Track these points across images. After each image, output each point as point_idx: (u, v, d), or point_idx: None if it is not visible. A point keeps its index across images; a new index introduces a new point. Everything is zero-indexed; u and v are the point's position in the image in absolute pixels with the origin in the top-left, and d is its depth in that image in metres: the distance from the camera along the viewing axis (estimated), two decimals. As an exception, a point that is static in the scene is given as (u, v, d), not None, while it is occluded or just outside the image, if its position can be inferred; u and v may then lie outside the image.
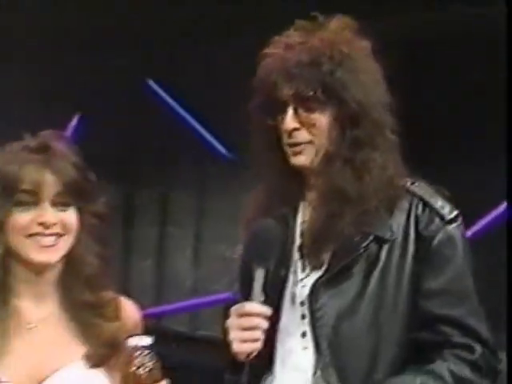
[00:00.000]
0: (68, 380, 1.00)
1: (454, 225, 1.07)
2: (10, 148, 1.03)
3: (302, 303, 1.08)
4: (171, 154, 4.15)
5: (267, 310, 1.01)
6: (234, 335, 1.02)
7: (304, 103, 1.06)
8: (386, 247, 1.06)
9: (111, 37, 3.69)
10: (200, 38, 3.72)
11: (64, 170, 1.00)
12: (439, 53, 2.98)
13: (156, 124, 4.00)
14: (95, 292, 1.05)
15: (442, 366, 1.02)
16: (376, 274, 1.05)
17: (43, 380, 0.99)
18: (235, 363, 1.04)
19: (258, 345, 1.00)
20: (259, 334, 1.00)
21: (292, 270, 1.11)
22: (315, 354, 1.05)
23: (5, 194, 0.98)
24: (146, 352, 0.91)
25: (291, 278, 1.11)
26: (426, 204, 1.08)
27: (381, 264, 1.05)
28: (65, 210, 1.01)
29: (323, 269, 1.07)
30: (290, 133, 1.07)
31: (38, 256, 0.99)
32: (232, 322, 1.03)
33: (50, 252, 1.00)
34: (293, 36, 1.09)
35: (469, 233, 1.35)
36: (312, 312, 1.06)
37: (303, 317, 1.08)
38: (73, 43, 3.59)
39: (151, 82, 4.05)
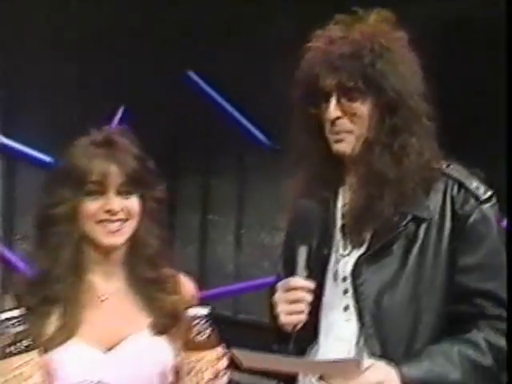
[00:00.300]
0: (136, 345, 1.13)
1: (488, 204, 1.13)
2: (79, 143, 1.14)
3: (345, 279, 1.16)
4: (212, 144, 4.22)
5: (310, 284, 1.10)
6: (280, 308, 1.10)
7: (346, 93, 1.12)
8: (423, 226, 1.12)
9: (151, 29, 3.80)
10: (238, 27, 3.78)
11: (126, 162, 1.13)
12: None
13: (197, 114, 4.07)
14: (156, 269, 1.18)
15: (478, 336, 1.07)
16: (415, 251, 1.11)
17: (114, 346, 1.11)
18: (282, 335, 1.12)
19: (303, 316, 1.09)
20: (304, 307, 1.09)
21: (334, 248, 1.19)
22: (358, 326, 1.12)
23: (76, 186, 1.11)
24: (204, 321, 1.02)
25: (333, 256, 1.19)
26: (461, 185, 1.13)
27: (419, 242, 1.12)
28: (128, 198, 1.13)
29: (364, 247, 1.15)
30: (333, 121, 1.14)
31: (106, 240, 1.12)
32: (279, 296, 1.12)
33: (116, 236, 1.12)
34: (334, 30, 1.16)
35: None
36: (355, 287, 1.13)
37: (345, 291, 1.16)
38: (114, 36, 3.70)
39: (191, 73, 4.10)
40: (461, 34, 3.16)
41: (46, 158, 3.35)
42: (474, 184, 1.14)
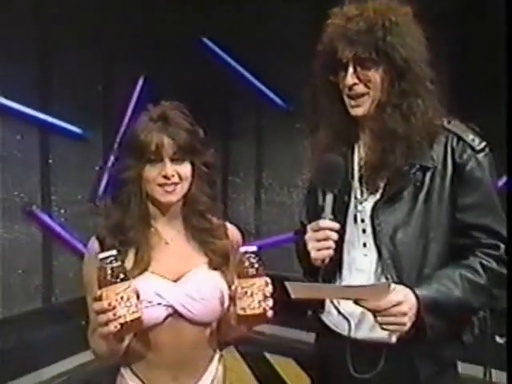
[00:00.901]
0: (197, 277, 1.36)
1: (482, 154, 1.31)
2: (140, 119, 1.34)
3: (363, 220, 1.36)
4: (230, 108, 4.37)
5: (336, 225, 1.29)
6: (311, 246, 1.30)
7: (361, 63, 1.29)
8: (428, 174, 1.31)
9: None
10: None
11: (178, 134, 1.31)
12: None
13: (214, 80, 4.18)
14: (207, 220, 1.39)
15: (474, 261, 1.28)
16: (422, 195, 1.31)
17: (180, 277, 1.35)
18: (313, 268, 1.33)
19: (331, 252, 1.28)
20: (331, 244, 1.28)
21: (353, 195, 1.38)
22: (376, 259, 1.33)
23: (139, 155, 1.31)
24: (254, 255, 1.23)
25: (352, 202, 1.38)
26: (459, 138, 1.31)
27: (425, 187, 1.31)
28: (180, 164, 1.32)
29: (379, 193, 1.33)
30: (351, 87, 1.31)
31: (163, 198, 1.33)
32: (309, 235, 1.31)
33: (171, 195, 1.33)
34: (350, 8, 1.31)
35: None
36: (373, 227, 1.33)
37: (364, 231, 1.36)
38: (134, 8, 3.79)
39: (206, 40, 4.22)
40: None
41: (77, 130, 3.54)
42: (471, 137, 1.31)
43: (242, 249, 1.24)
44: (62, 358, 3.33)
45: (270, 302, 1.23)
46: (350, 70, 1.30)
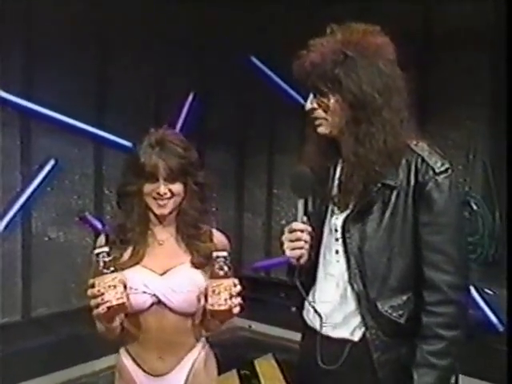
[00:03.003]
0: (181, 272, 1.60)
1: (442, 176, 1.39)
2: (142, 143, 1.59)
3: (337, 230, 1.49)
4: (276, 124, 4.52)
5: (307, 227, 1.44)
6: (285, 246, 1.45)
7: (318, 91, 1.43)
8: (395, 192, 1.41)
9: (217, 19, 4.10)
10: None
11: (171, 159, 1.56)
12: None
13: (261, 95, 4.37)
14: (196, 228, 1.64)
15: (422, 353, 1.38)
16: (388, 211, 1.41)
17: (166, 271, 1.60)
18: (290, 267, 1.49)
19: (303, 251, 1.43)
20: (302, 244, 1.43)
21: (330, 208, 1.52)
22: (346, 266, 1.46)
23: (139, 174, 1.56)
24: (224, 260, 1.44)
25: (329, 213, 1.52)
26: (423, 160, 1.41)
27: (391, 204, 1.41)
28: (173, 183, 1.57)
29: (351, 208, 1.45)
30: (311, 111, 1.45)
31: (157, 211, 1.60)
32: (284, 236, 1.46)
33: (163, 208, 1.59)
34: (315, 41, 1.44)
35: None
36: (344, 238, 1.46)
37: (336, 239, 1.49)
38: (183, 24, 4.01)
39: (254, 58, 4.39)
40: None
41: (128, 144, 3.82)
42: (433, 159, 1.40)
43: (215, 253, 1.45)
44: (108, 353, 3.42)
45: (236, 301, 1.44)
46: (311, 96, 1.45)
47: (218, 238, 1.69)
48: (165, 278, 1.57)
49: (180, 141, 1.60)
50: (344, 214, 1.47)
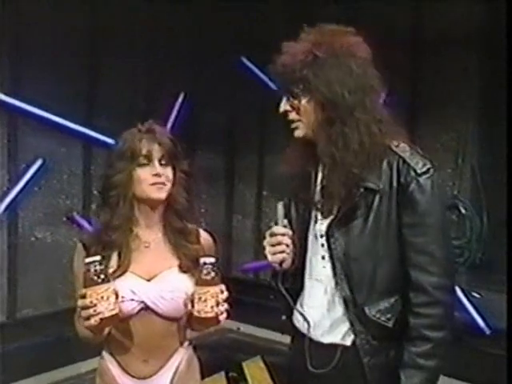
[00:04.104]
0: (168, 277, 1.56)
1: (424, 176, 1.37)
2: (130, 131, 1.57)
3: (322, 236, 1.47)
4: (266, 125, 4.46)
5: (288, 231, 1.44)
6: (267, 250, 1.45)
7: (290, 93, 1.42)
8: (378, 195, 1.39)
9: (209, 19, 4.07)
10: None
11: (164, 142, 1.54)
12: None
13: (251, 99, 4.33)
14: (183, 221, 1.60)
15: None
16: (372, 215, 1.40)
17: (154, 276, 1.55)
18: (273, 272, 1.48)
19: (284, 255, 1.43)
20: (283, 248, 1.43)
21: (314, 213, 1.50)
22: (332, 271, 1.44)
23: (131, 159, 1.52)
24: (211, 266, 1.40)
25: (313, 218, 1.50)
26: (404, 161, 1.39)
27: (375, 208, 1.40)
28: (165, 168, 1.55)
29: (334, 213, 1.43)
30: (285, 114, 1.45)
31: (156, 195, 1.54)
32: (265, 241, 1.46)
33: (162, 192, 1.54)
34: (287, 43, 1.43)
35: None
36: (329, 244, 1.44)
37: (322, 245, 1.47)
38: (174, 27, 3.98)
39: (244, 59, 4.35)
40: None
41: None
42: (415, 160, 1.38)
43: (202, 259, 1.41)
44: (96, 354, 3.53)
45: (223, 308, 1.41)
46: (284, 99, 1.44)
47: (205, 238, 1.66)
48: (153, 283, 1.53)
49: (166, 130, 1.62)
50: (328, 220, 1.45)
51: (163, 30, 3.97)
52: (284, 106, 1.44)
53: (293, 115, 1.43)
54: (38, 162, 3.46)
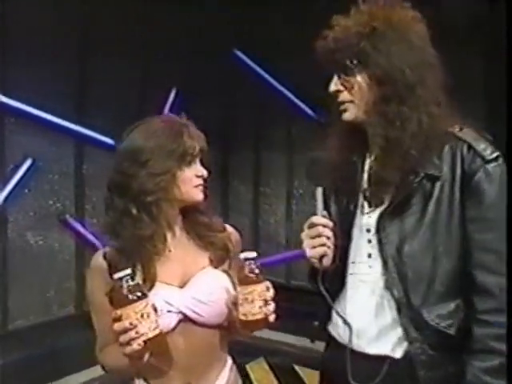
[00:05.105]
0: (203, 279, 1.38)
1: (492, 164, 1.24)
2: (169, 125, 1.37)
3: (368, 230, 1.33)
4: (261, 120, 4.38)
5: (328, 222, 1.28)
6: (305, 244, 1.30)
7: (343, 70, 1.29)
8: (438, 183, 1.25)
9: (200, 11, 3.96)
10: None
11: (201, 138, 1.38)
12: None
13: (246, 91, 4.23)
14: (207, 216, 1.43)
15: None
16: (431, 205, 1.25)
17: (185, 283, 1.37)
18: (312, 270, 1.33)
19: (325, 249, 1.27)
20: (324, 240, 1.27)
21: (359, 205, 1.35)
22: (381, 271, 1.29)
23: (180, 159, 1.34)
24: (253, 262, 1.25)
25: (359, 211, 1.36)
26: (470, 146, 1.25)
27: (434, 197, 1.25)
28: (202, 166, 1.39)
29: (386, 203, 1.29)
30: (336, 94, 1.31)
31: (199, 196, 1.38)
32: (304, 233, 1.30)
33: (202, 193, 1.38)
34: (336, 18, 1.31)
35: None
36: (379, 238, 1.29)
37: (369, 241, 1.32)
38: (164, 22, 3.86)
39: (238, 52, 4.27)
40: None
41: (110, 141, 3.63)
42: (482, 146, 1.24)
43: (242, 255, 1.25)
44: (93, 364, 3.34)
45: (271, 307, 1.25)
46: (335, 77, 1.31)
47: (230, 230, 1.49)
48: (187, 289, 1.34)
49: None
50: (377, 212, 1.30)
51: (154, 25, 3.86)
52: (335, 85, 1.31)
53: (344, 95, 1.30)
54: (28, 162, 3.32)
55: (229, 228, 1.48)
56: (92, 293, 1.36)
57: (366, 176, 1.36)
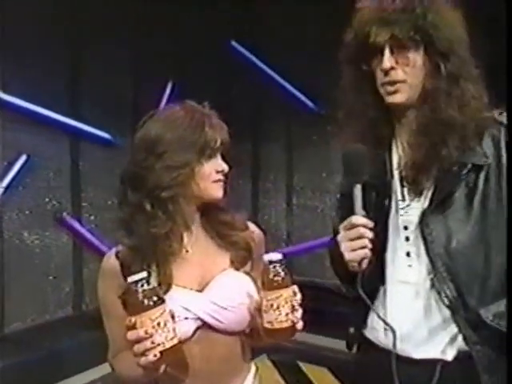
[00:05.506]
0: (223, 282, 1.27)
1: None
2: (188, 114, 1.26)
3: (406, 228, 1.23)
4: (259, 112, 4.31)
5: (369, 222, 1.17)
6: (344, 247, 1.18)
7: (399, 45, 1.17)
8: (482, 174, 1.17)
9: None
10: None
11: (224, 129, 1.28)
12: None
13: (243, 83, 4.14)
14: (227, 213, 1.32)
15: None
16: (477, 198, 1.17)
17: (204, 286, 1.26)
18: (350, 275, 1.21)
19: (366, 251, 1.16)
20: (366, 242, 1.16)
21: (394, 200, 1.26)
22: (426, 270, 1.21)
23: (200, 152, 1.23)
24: (279, 264, 1.13)
25: (393, 207, 1.26)
26: None
27: (480, 189, 1.17)
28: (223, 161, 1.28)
29: (426, 197, 1.20)
30: (387, 72, 1.19)
31: (218, 193, 1.27)
32: (341, 235, 1.19)
33: (221, 190, 1.27)
34: None
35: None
36: (424, 236, 1.20)
37: (407, 239, 1.23)
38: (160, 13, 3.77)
39: (235, 43, 4.18)
40: None
41: (106, 136, 3.54)
42: None
43: (266, 257, 1.14)
44: (93, 365, 3.28)
45: (299, 314, 1.14)
46: (387, 53, 1.18)
47: (253, 228, 1.37)
48: (206, 293, 1.24)
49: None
50: (415, 208, 1.22)
51: (150, 15, 3.76)
52: (389, 61, 1.18)
53: (399, 74, 1.19)
54: (22, 159, 3.22)
55: (252, 226, 1.37)
56: (103, 295, 1.27)
57: (396, 167, 1.27)
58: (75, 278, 3.49)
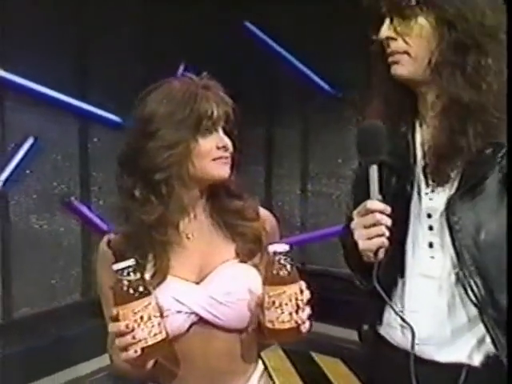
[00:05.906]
0: (224, 274, 1.15)
1: None
2: (180, 86, 1.14)
3: (429, 216, 1.12)
4: (274, 95, 4.19)
5: (386, 207, 1.04)
6: (358, 234, 1.06)
7: (400, 12, 1.06)
8: None
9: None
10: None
11: (226, 102, 1.17)
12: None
13: (258, 66, 4.03)
14: (237, 198, 1.20)
15: None
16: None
17: (203, 278, 1.15)
18: (364, 267, 1.09)
19: (383, 240, 1.04)
20: (383, 229, 1.04)
21: (416, 185, 1.14)
22: (451, 263, 1.09)
23: (194, 127, 1.12)
24: (284, 257, 1.02)
25: (416, 193, 1.14)
26: None
27: None
28: (226, 136, 1.16)
29: (453, 183, 1.09)
30: (388, 43, 1.09)
31: (220, 172, 1.15)
32: (356, 222, 1.07)
33: (226, 169, 1.15)
34: None
35: None
36: (450, 225, 1.08)
37: (430, 228, 1.12)
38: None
39: (250, 25, 4.06)
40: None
41: (116, 118, 3.47)
42: None
43: (271, 248, 1.03)
44: (100, 353, 3.27)
45: (305, 314, 1.02)
46: (387, 21, 1.08)
47: (266, 215, 1.25)
48: (203, 286, 1.14)
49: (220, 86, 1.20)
50: (441, 193, 1.10)
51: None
52: (386, 31, 1.08)
53: (398, 44, 1.08)
54: (29, 141, 3.17)
55: (263, 213, 1.24)
56: (100, 283, 1.19)
57: (419, 149, 1.15)
58: (83, 264, 3.46)
